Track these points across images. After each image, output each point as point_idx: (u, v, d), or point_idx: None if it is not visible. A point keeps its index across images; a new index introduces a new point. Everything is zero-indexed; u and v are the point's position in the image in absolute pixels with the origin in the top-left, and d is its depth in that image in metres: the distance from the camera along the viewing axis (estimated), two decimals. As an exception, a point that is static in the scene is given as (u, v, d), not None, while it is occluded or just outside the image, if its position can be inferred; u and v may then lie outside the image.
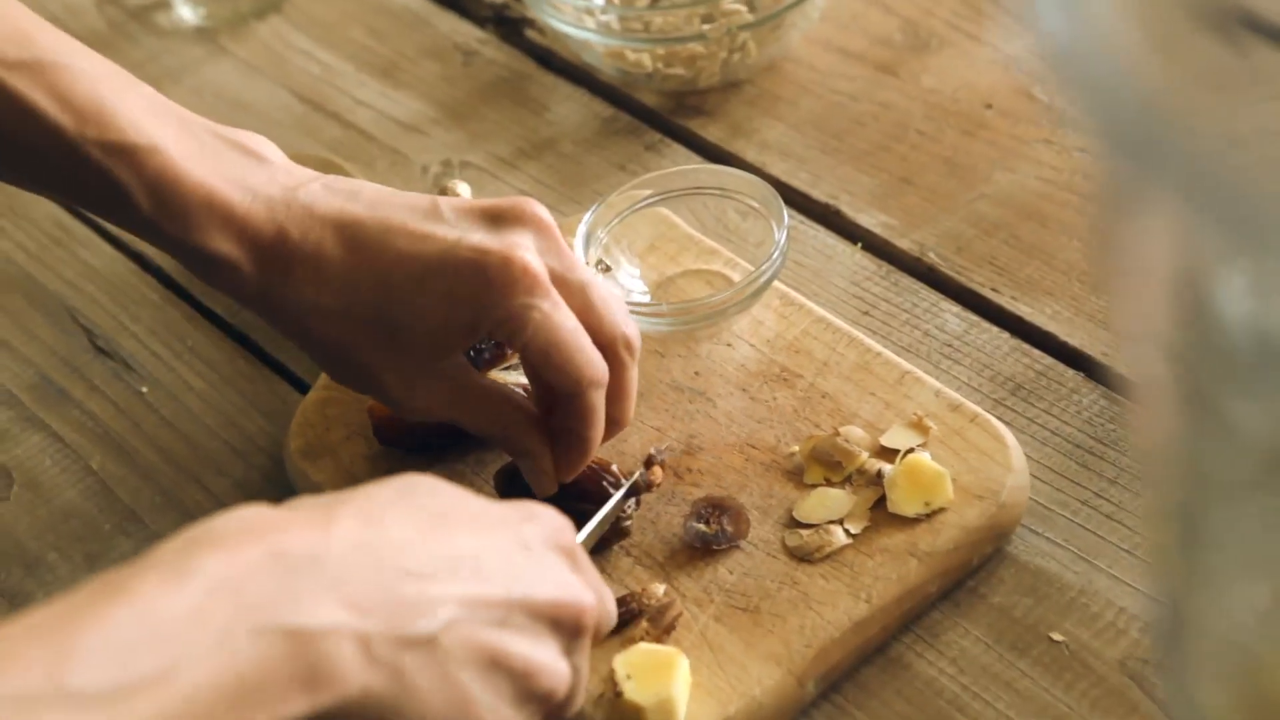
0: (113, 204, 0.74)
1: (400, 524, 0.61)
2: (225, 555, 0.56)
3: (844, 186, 0.97)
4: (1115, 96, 0.30)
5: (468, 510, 0.64)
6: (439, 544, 0.61)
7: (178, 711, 0.52)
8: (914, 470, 0.78)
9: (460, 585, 0.60)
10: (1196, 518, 0.37)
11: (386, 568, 0.58)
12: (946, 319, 0.89)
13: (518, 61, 1.09)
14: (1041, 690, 0.74)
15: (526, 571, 0.63)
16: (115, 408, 0.91)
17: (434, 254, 0.74)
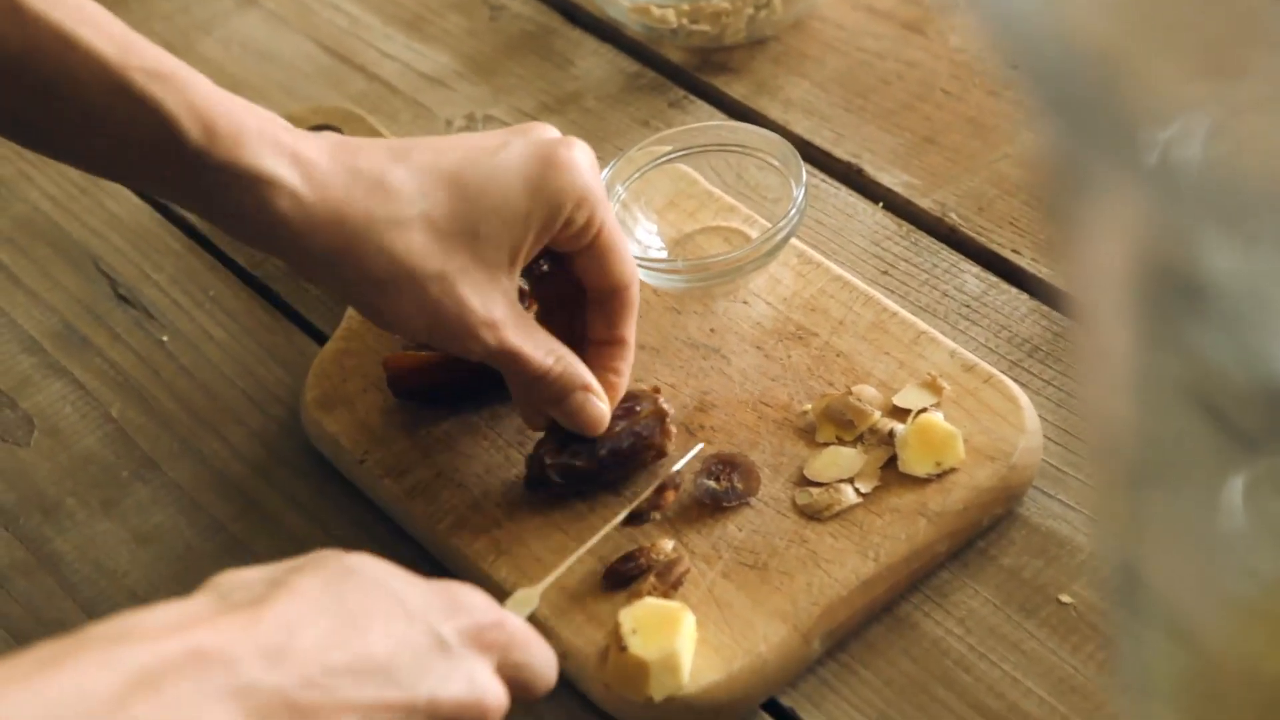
0: (160, 141, 0.72)
1: (313, 629, 0.61)
2: (149, 648, 0.57)
3: (867, 145, 0.97)
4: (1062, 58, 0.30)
5: (388, 604, 0.64)
6: (349, 649, 0.61)
7: None
8: (925, 430, 0.78)
9: (363, 692, 0.61)
10: (1149, 479, 0.37)
11: (291, 677, 0.60)
12: (966, 279, 0.89)
13: (544, 16, 1.08)
14: (1049, 652, 0.74)
15: (435, 673, 0.63)
16: (136, 356, 0.92)
17: (495, 152, 0.75)
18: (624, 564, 0.76)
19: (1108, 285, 0.34)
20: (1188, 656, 0.38)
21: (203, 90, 0.73)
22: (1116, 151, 0.29)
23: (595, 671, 0.73)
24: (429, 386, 0.83)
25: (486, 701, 0.64)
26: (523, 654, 0.67)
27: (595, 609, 0.75)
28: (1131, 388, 0.35)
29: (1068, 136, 0.31)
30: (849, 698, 0.74)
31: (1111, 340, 0.35)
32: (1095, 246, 0.33)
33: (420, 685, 0.62)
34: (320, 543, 0.82)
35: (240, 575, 0.64)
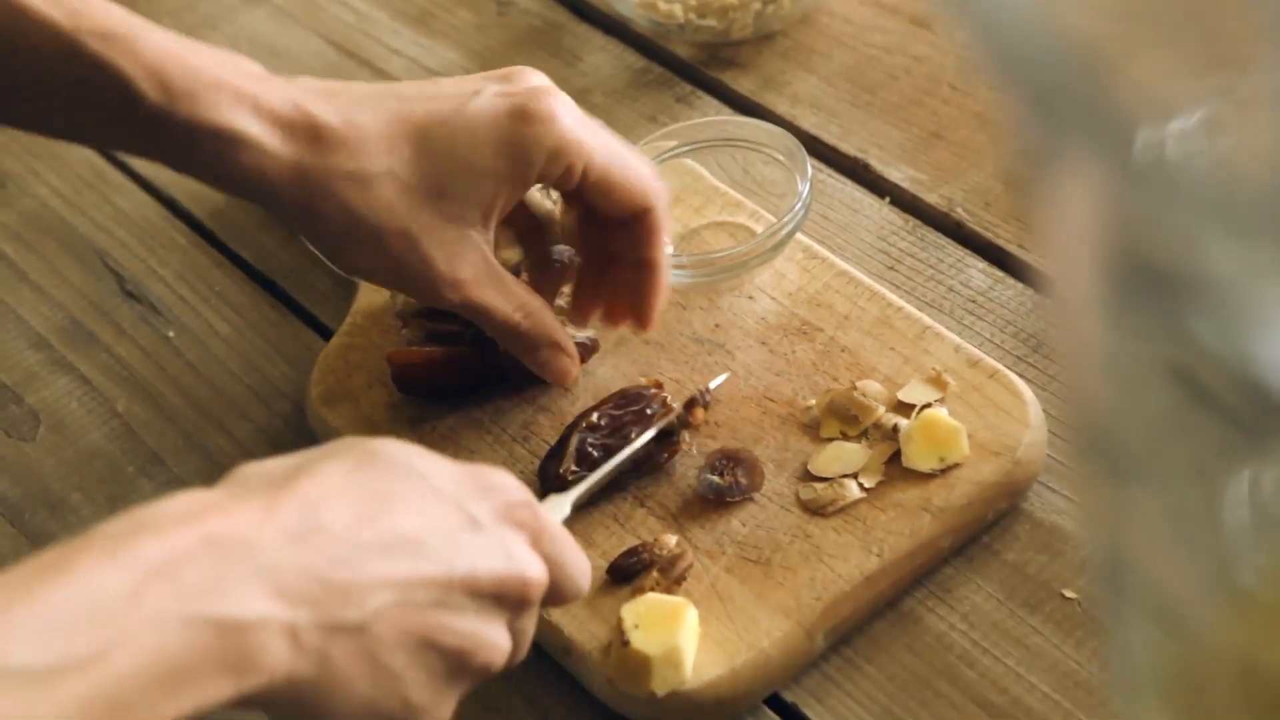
0: (117, 103, 0.71)
1: (340, 509, 0.59)
2: (162, 540, 0.56)
3: (874, 140, 0.97)
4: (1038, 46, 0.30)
5: (417, 486, 0.62)
6: (378, 527, 0.60)
7: (109, 692, 0.53)
8: (929, 425, 0.77)
9: (396, 567, 0.60)
10: (1134, 470, 0.36)
11: (320, 555, 0.58)
12: (971, 274, 0.88)
13: (551, 11, 1.08)
14: (1052, 647, 0.73)
15: (470, 548, 0.61)
16: (142, 351, 0.92)
17: (464, 106, 0.74)
18: (627, 559, 0.76)
19: (1087, 271, 0.33)
20: (1178, 647, 0.38)
21: (158, 47, 0.71)
22: (1096, 141, 0.29)
23: (598, 666, 0.73)
24: (433, 382, 0.83)
25: (528, 574, 0.63)
26: (554, 545, 0.65)
27: (599, 604, 0.75)
28: (1117, 376, 0.35)
29: (1049, 127, 0.31)
30: (852, 693, 0.74)
31: (1094, 329, 0.35)
32: (1075, 233, 0.32)
33: (456, 559, 0.61)
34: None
35: (260, 465, 0.61)
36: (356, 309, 0.89)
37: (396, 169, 0.74)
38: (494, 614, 0.62)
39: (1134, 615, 0.39)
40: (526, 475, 0.80)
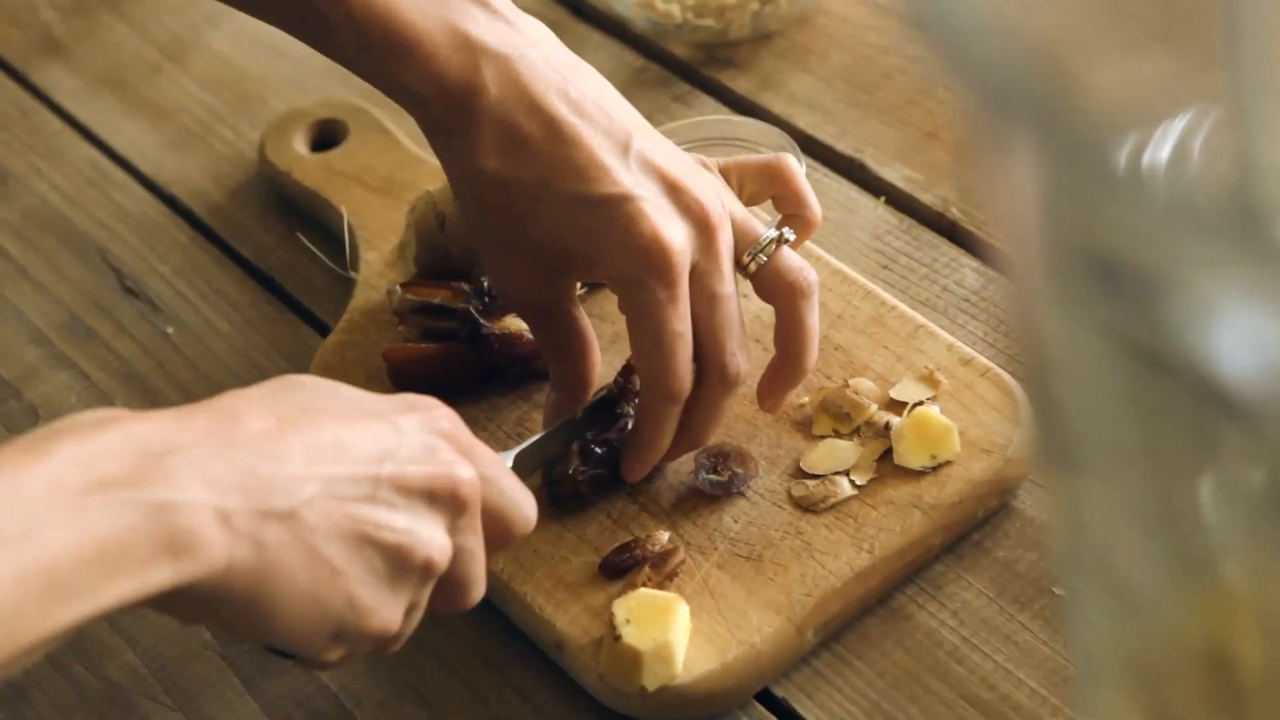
0: (322, 38, 0.76)
1: (260, 417, 0.60)
2: (83, 440, 0.56)
3: (870, 140, 0.97)
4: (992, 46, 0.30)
5: (340, 402, 0.63)
6: (301, 434, 0.60)
7: (45, 567, 0.53)
8: (921, 423, 0.78)
9: (322, 463, 0.60)
10: (1080, 450, 0.37)
11: (244, 452, 0.58)
12: (965, 274, 0.89)
13: (550, 10, 1.09)
14: (1041, 644, 0.74)
15: (396, 450, 0.62)
16: (141, 348, 0.93)
17: (595, 189, 0.74)
18: (619, 555, 0.76)
19: (1039, 261, 0.34)
20: (1138, 634, 0.38)
21: (362, 5, 0.73)
22: (1050, 138, 0.29)
23: (590, 661, 0.74)
24: (429, 378, 0.84)
25: (456, 473, 0.63)
26: (485, 466, 0.65)
27: (590, 599, 0.76)
28: (1073, 365, 0.35)
29: (1002, 125, 0.31)
30: (842, 688, 0.74)
31: (1047, 316, 0.35)
32: (1026, 225, 0.33)
33: (382, 458, 0.61)
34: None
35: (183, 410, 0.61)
36: (354, 306, 0.89)
37: (510, 184, 0.74)
38: (428, 512, 0.63)
39: (1094, 601, 0.39)
40: (521, 473, 0.81)
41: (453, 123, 0.74)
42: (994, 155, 0.33)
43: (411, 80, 0.74)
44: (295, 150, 0.98)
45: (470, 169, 0.75)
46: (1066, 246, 0.32)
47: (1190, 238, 0.27)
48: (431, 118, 0.75)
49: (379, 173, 0.96)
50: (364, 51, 0.75)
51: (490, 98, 0.74)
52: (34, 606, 0.53)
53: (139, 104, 1.06)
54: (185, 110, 1.05)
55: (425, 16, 0.73)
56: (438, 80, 0.74)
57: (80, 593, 0.54)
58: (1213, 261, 0.27)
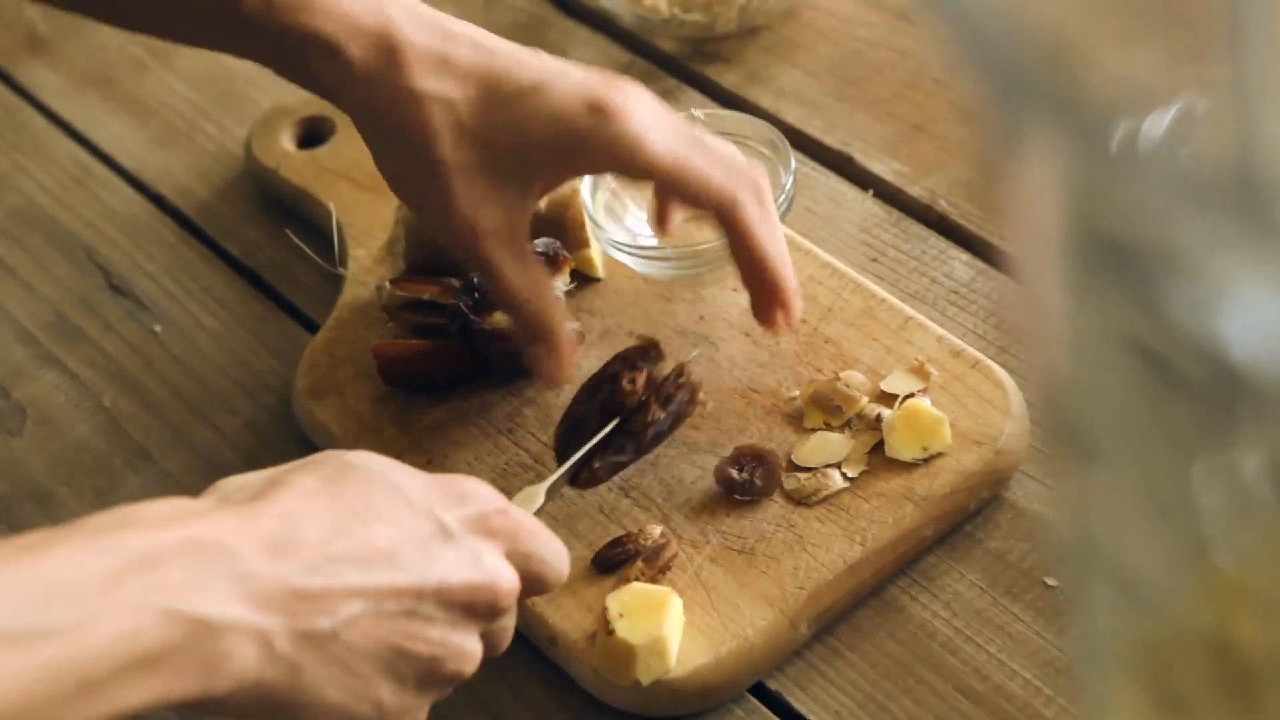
0: (217, 5, 0.75)
1: (315, 521, 0.60)
2: (144, 535, 0.57)
3: (857, 133, 0.97)
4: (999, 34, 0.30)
5: (391, 497, 0.63)
6: (352, 539, 0.61)
7: (80, 665, 0.53)
8: (912, 415, 0.78)
9: (370, 578, 0.60)
10: (1089, 438, 0.37)
11: (295, 565, 0.59)
12: (954, 266, 0.89)
13: (537, 6, 1.09)
14: (1034, 634, 0.74)
15: (442, 559, 0.62)
16: (129, 346, 0.92)
17: (546, 79, 0.75)
18: (612, 549, 0.76)
19: (1052, 247, 0.34)
20: (1146, 623, 0.38)
21: None
22: (1062, 122, 0.29)
23: (584, 656, 0.74)
24: (419, 374, 0.84)
25: (498, 584, 0.64)
26: (530, 543, 0.66)
27: (583, 594, 0.75)
28: (1082, 352, 0.35)
29: (1015, 110, 0.31)
30: (835, 681, 0.74)
31: (1058, 305, 0.35)
32: (1040, 210, 0.33)
33: (428, 570, 0.62)
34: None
35: (240, 478, 0.63)
36: (342, 303, 0.89)
37: (456, 102, 0.74)
38: (466, 622, 0.63)
39: (1101, 591, 0.39)
40: (512, 467, 0.81)
41: (376, 58, 0.74)
42: (1003, 143, 0.33)
43: (324, 24, 0.74)
44: (282, 147, 0.98)
45: (410, 95, 0.74)
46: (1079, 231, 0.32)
47: (1197, 217, 0.27)
48: (351, 63, 0.74)
49: (367, 169, 0.95)
50: (269, 8, 0.74)
51: (405, 27, 0.74)
52: (61, 701, 0.54)
53: (124, 101, 1.06)
54: (170, 107, 1.05)
55: None
56: (349, 19, 0.74)
57: (108, 694, 0.55)
58: (1220, 241, 0.27)
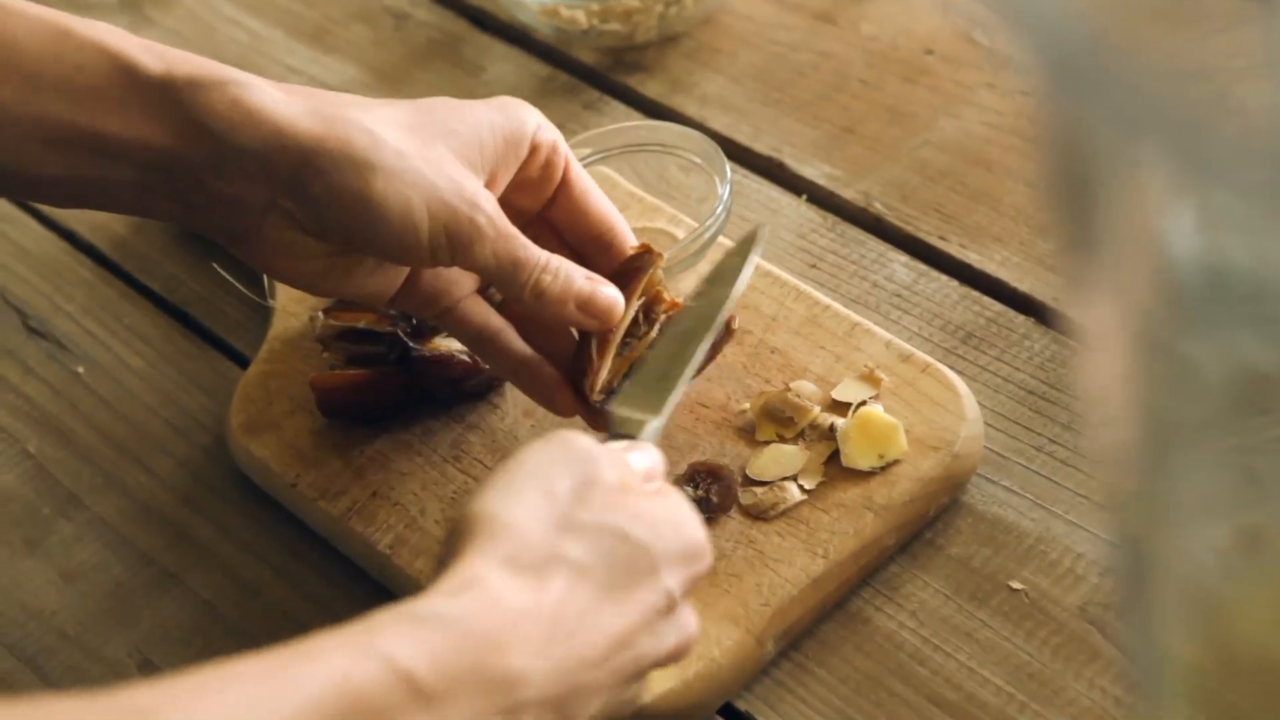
0: (114, 71, 0.69)
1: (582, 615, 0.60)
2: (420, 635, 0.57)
3: (786, 138, 0.96)
4: (1057, 31, 0.29)
5: (645, 569, 0.62)
6: (606, 629, 0.61)
7: None
8: (866, 423, 0.77)
9: (610, 674, 0.61)
10: (1153, 460, 0.36)
11: (563, 649, 0.59)
12: (895, 269, 0.88)
13: (450, 23, 1.07)
14: (1002, 639, 0.73)
15: (663, 634, 0.63)
16: (50, 389, 0.89)
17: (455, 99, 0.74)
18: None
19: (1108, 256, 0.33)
20: (1204, 649, 0.37)
21: (140, 39, 0.71)
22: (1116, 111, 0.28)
23: (547, 687, 0.72)
24: (359, 405, 0.82)
25: (689, 644, 0.65)
26: None
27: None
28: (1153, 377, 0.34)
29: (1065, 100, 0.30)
30: (805, 698, 0.73)
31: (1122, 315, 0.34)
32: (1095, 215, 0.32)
33: (652, 651, 0.63)
34: (254, 571, 0.80)
35: (524, 532, 0.61)
36: (273, 335, 0.86)
37: (399, 115, 0.72)
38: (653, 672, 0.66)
39: (1157, 621, 0.38)
40: (460, 495, 0.79)
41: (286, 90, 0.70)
42: (1078, 160, 0.32)
43: (229, 71, 0.70)
44: (199, 177, 0.95)
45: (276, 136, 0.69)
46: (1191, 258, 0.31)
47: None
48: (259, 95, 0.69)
49: (288, 196, 0.93)
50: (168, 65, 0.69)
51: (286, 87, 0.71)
52: None
53: (30, 137, 1.02)
54: (79, 141, 1.02)
55: None
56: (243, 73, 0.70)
57: None
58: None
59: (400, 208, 0.69)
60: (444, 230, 0.70)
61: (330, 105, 0.71)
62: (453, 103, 0.74)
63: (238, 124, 0.69)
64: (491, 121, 0.73)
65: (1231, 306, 0.30)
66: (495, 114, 0.74)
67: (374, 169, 0.69)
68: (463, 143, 0.72)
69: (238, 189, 0.70)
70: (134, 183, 0.70)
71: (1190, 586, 0.36)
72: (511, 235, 0.72)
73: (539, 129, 0.75)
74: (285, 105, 0.70)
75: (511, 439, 0.80)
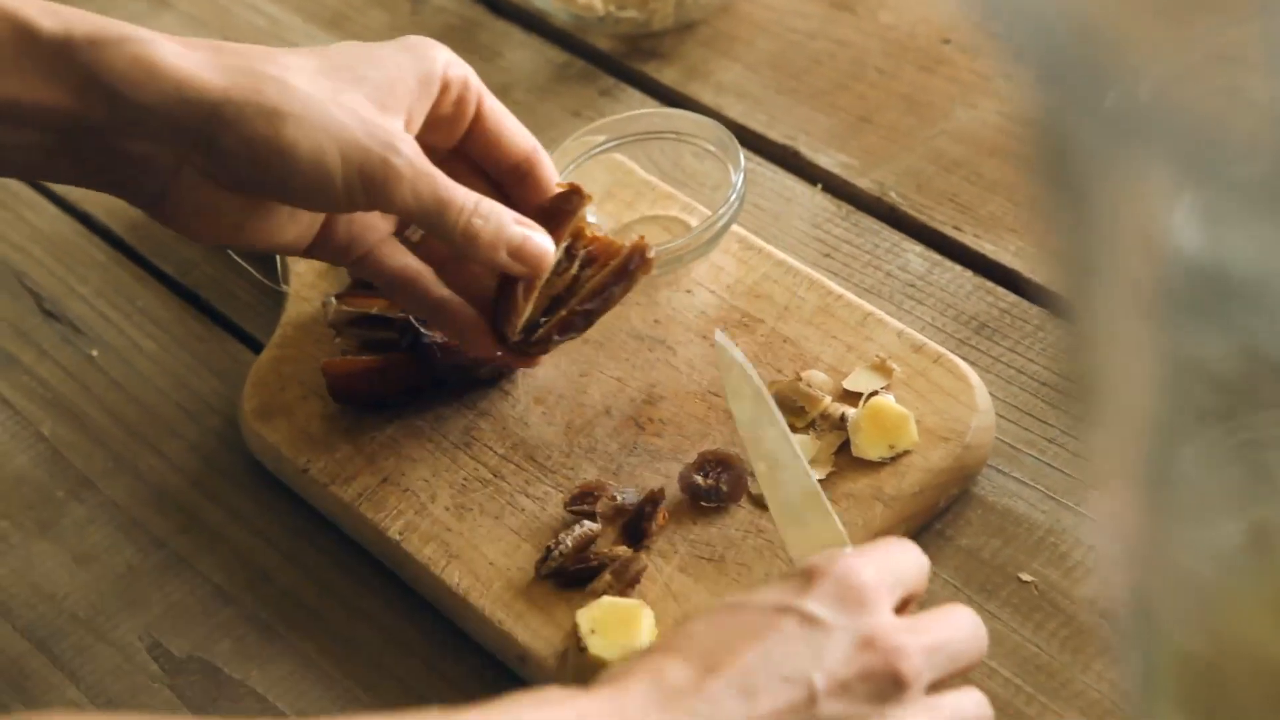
0: (10, 35, 0.68)
1: (681, 665, 0.60)
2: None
3: (802, 127, 0.96)
4: (1046, 27, 0.29)
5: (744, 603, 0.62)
6: (726, 677, 0.59)
7: None
8: (877, 413, 0.77)
9: (757, 706, 0.59)
10: (1156, 456, 0.36)
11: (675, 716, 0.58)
12: (909, 259, 0.88)
13: (468, 9, 1.07)
14: (1011, 631, 0.73)
15: (825, 653, 0.61)
16: (65, 372, 0.90)
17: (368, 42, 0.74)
18: (579, 563, 0.74)
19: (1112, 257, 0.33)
20: (1195, 646, 0.37)
21: None
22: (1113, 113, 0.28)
23: (556, 674, 0.72)
24: (370, 391, 0.82)
25: (897, 665, 0.61)
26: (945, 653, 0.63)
27: (551, 610, 0.74)
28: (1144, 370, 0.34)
29: (1065, 102, 0.30)
30: (813, 688, 0.73)
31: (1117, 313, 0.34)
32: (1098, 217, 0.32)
33: (812, 668, 0.60)
34: (264, 556, 0.80)
35: None
36: (286, 320, 0.87)
37: (307, 62, 0.71)
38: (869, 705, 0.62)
39: (1150, 625, 0.38)
40: (470, 482, 0.79)
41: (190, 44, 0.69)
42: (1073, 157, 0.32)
43: (129, 28, 0.69)
44: (214, 161, 0.95)
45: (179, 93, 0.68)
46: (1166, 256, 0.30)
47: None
48: (162, 49, 0.68)
49: (303, 181, 0.93)
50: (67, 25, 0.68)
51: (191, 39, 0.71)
52: None
53: (47, 120, 1.03)
54: (96, 124, 1.02)
55: None
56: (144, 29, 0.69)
57: None
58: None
59: (312, 153, 0.68)
60: (358, 173, 0.69)
61: (236, 56, 0.70)
62: (361, 47, 0.73)
63: (139, 81, 0.68)
64: (400, 63, 0.73)
65: (1234, 301, 0.29)
66: (404, 55, 0.73)
67: (284, 116, 0.68)
68: (374, 87, 0.71)
69: (144, 148, 0.69)
70: (37, 145, 0.69)
71: (1190, 583, 0.36)
72: (432, 174, 0.71)
73: (448, 65, 0.74)
74: (188, 59, 0.68)
75: (522, 425, 0.80)
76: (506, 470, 0.79)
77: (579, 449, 0.79)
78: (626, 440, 0.79)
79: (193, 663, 0.77)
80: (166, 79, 0.68)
